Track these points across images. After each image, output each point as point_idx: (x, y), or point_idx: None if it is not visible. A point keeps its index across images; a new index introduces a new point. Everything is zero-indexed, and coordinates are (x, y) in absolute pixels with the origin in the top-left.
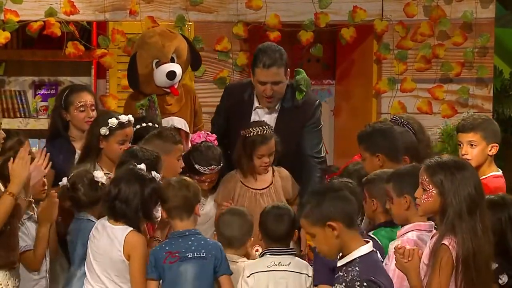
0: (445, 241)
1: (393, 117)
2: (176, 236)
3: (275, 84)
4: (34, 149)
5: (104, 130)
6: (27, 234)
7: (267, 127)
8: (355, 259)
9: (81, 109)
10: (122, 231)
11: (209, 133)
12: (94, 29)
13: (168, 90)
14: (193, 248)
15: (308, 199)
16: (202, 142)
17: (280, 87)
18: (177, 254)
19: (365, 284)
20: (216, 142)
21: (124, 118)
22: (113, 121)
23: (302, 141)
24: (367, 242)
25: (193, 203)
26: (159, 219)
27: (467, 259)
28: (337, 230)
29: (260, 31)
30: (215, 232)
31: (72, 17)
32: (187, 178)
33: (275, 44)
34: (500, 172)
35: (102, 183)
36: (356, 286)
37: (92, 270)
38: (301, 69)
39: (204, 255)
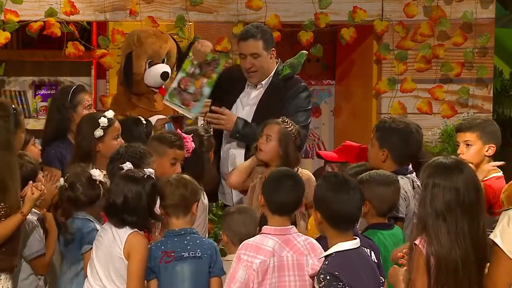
0: (416, 241)
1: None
2: (172, 235)
3: (254, 57)
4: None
5: (98, 132)
6: (41, 237)
7: (295, 127)
8: (331, 253)
9: (89, 107)
10: (125, 230)
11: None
12: (94, 29)
13: (157, 90)
14: (188, 247)
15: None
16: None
17: (259, 61)
18: (172, 254)
19: (328, 277)
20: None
21: (109, 114)
22: (103, 120)
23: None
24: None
25: (190, 202)
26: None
27: (438, 261)
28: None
29: None
30: (221, 232)
31: (72, 17)
32: (187, 176)
33: (262, 24)
34: (500, 173)
35: (100, 181)
36: (320, 278)
37: (93, 268)
38: (304, 51)
39: (200, 254)
